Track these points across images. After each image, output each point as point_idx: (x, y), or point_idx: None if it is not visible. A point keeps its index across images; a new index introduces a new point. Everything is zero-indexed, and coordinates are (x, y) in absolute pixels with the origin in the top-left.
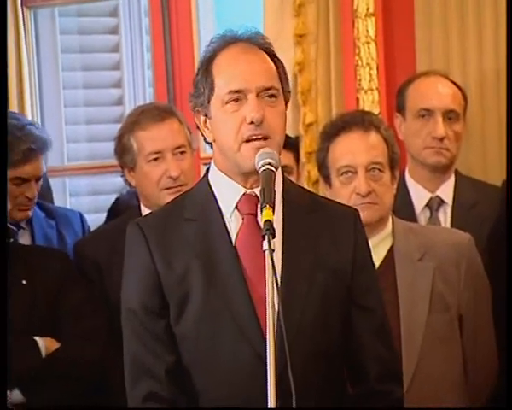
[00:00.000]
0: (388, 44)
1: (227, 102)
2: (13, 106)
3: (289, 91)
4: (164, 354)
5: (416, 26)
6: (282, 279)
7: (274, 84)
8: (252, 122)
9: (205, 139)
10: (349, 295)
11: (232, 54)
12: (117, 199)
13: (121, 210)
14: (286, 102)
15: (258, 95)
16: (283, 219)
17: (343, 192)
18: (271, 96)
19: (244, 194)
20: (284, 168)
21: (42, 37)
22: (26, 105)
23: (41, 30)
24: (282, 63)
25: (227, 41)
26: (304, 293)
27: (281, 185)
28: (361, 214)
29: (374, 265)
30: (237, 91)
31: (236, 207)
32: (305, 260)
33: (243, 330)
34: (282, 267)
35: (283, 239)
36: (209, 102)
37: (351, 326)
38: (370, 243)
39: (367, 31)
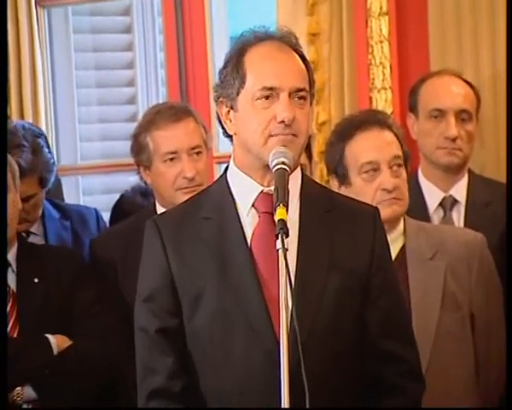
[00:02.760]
0: (402, 43)
1: (258, 98)
2: (27, 105)
3: (314, 94)
4: (171, 352)
5: (430, 25)
6: (296, 278)
7: (305, 86)
8: (282, 121)
9: (224, 132)
10: (365, 296)
11: (266, 50)
12: (121, 196)
13: (125, 207)
14: (311, 102)
15: (289, 95)
16: (300, 217)
17: (367, 189)
18: (301, 97)
19: (261, 192)
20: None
21: (55, 36)
22: (39, 104)
23: (54, 29)
24: (310, 66)
25: (259, 37)
26: (319, 293)
27: (299, 183)
28: (387, 210)
29: (392, 264)
30: (270, 88)
31: (253, 205)
32: (320, 260)
33: (255, 329)
34: (296, 266)
35: (300, 238)
36: (238, 94)
37: (366, 327)
38: None
39: (380, 30)
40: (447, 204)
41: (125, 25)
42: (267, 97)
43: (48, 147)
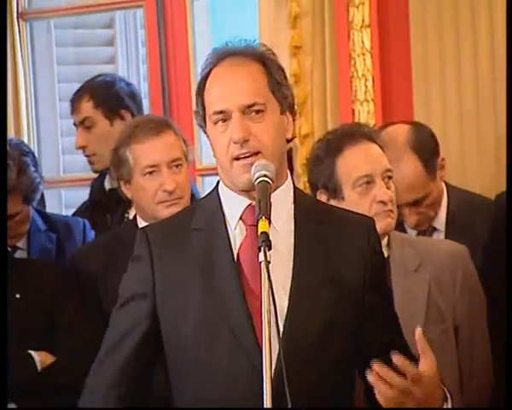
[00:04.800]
0: (384, 56)
1: (215, 123)
2: (9, 118)
3: (288, 97)
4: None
5: (412, 37)
6: (291, 290)
7: (257, 100)
8: (236, 142)
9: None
10: (359, 309)
11: (219, 72)
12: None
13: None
14: (288, 109)
15: (243, 112)
16: (295, 228)
17: (362, 203)
18: (258, 111)
19: (249, 205)
20: None
21: (38, 49)
22: (21, 117)
23: (37, 42)
24: (278, 68)
25: (219, 57)
26: (311, 304)
27: (292, 195)
28: (383, 223)
29: (387, 277)
30: (221, 112)
31: (241, 218)
32: (315, 271)
33: (240, 341)
34: (292, 278)
35: (294, 249)
36: (205, 121)
37: (362, 338)
38: None
39: (362, 42)
40: (426, 233)
41: (108, 38)
42: (224, 120)
43: (35, 165)
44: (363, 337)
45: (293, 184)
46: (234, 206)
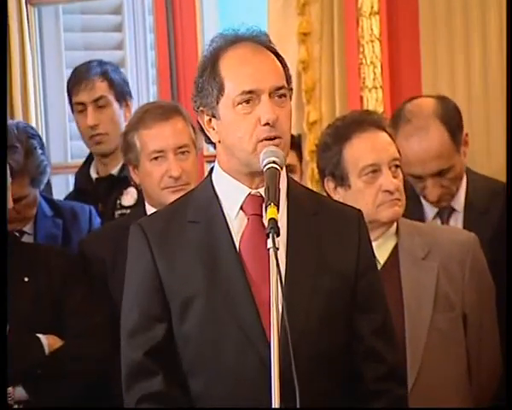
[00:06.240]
0: (393, 43)
1: (239, 103)
2: (16, 104)
3: (292, 89)
4: (161, 357)
5: (421, 24)
6: (285, 281)
7: (284, 84)
8: (267, 123)
9: (207, 139)
10: (352, 297)
11: (240, 54)
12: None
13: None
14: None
15: (270, 95)
16: (288, 220)
17: (368, 191)
18: (281, 96)
19: (249, 194)
20: (287, 167)
21: (46, 34)
22: (29, 102)
23: (45, 27)
24: (285, 62)
25: (231, 40)
26: (308, 295)
27: (285, 186)
28: (389, 211)
29: (376, 267)
30: (250, 92)
31: (241, 207)
32: (309, 262)
33: (247, 333)
34: (285, 269)
35: (287, 241)
36: (218, 102)
37: (353, 328)
38: (378, 241)
39: (371, 29)
40: (445, 214)
41: (116, 23)
42: (248, 101)
43: (42, 148)
44: (352, 324)
45: (287, 174)
46: (233, 195)
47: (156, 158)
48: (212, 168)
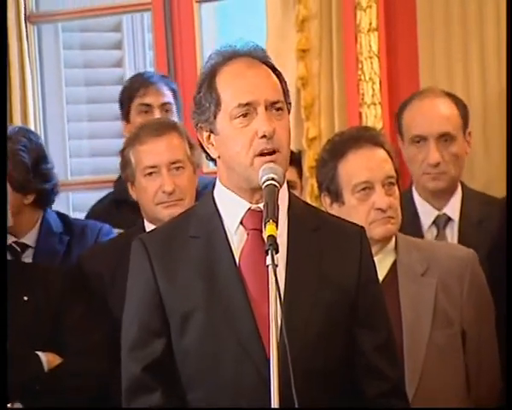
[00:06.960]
0: (391, 59)
1: (235, 117)
2: (16, 121)
3: (290, 103)
4: (160, 372)
5: (419, 40)
6: (285, 296)
7: (280, 98)
8: (264, 136)
9: (207, 156)
10: (353, 313)
11: (236, 68)
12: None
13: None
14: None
15: (266, 108)
16: (288, 235)
17: (361, 209)
18: (278, 109)
19: (249, 209)
20: (287, 183)
21: (45, 52)
22: (29, 120)
23: (44, 45)
24: (282, 76)
25: (227, 56)
26: (307, 311)
27: (286, 201)
28: (381, 229)
29: (379, 282)
30: (246, 104)
31: (241, 222)
32: (309, 278)
33: (246, 348)
34: (285, 285)
35: (288, 256)
36: (215, 117)
37: (354, 344)
38: (377, 257)
39: (370, 46)
40: (441, 222)
41: (116, 41)
42: (245, 115)
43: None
44: (353, 340)
45: (289, 189)
46: (233, 210)
47: (150, 174)
48: (213, 184)
